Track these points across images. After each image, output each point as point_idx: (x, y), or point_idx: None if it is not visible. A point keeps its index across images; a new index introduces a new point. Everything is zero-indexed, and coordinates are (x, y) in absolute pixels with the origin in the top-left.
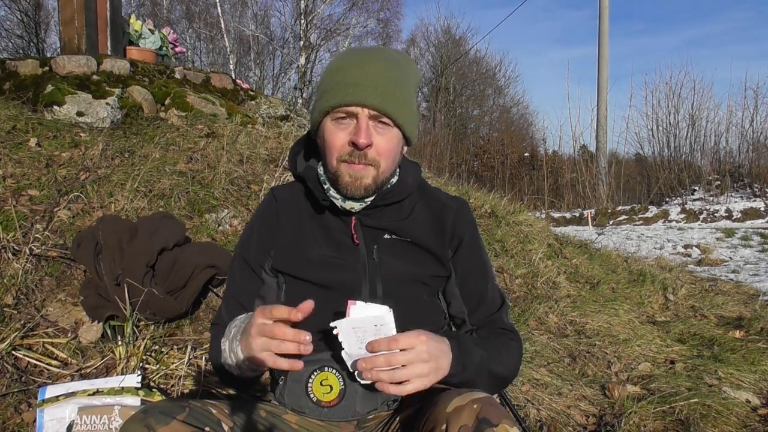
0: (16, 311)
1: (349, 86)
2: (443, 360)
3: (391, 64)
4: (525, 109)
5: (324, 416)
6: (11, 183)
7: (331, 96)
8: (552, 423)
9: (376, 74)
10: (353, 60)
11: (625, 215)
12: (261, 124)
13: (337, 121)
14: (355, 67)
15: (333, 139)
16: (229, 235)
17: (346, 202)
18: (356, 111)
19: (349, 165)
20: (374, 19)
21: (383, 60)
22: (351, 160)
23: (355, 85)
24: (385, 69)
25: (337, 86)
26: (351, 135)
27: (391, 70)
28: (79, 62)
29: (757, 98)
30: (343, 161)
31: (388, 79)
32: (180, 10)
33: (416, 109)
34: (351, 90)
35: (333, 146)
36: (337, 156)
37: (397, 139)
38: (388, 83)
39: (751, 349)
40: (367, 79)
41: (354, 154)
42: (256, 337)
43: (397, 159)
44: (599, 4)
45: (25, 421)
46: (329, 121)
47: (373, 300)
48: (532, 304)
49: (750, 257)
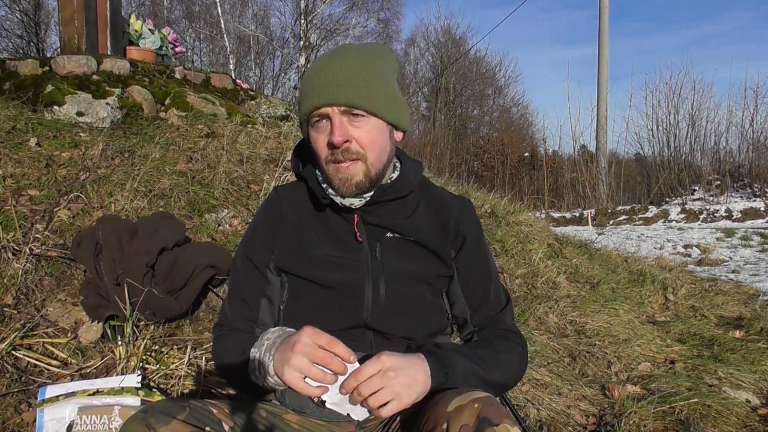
0: (16, 311)
1: (315, 91)
2: (414, 370)
3: (354, 57)
4: (525, 109)
5: (325, 416)
6: (11, 183)
7: (303, 104)
8: (552, 423)
9: (338, 72)
10: (318, 65)
11: (625, 215)
12: (261, 124)
13: (315, 125)
14: (319, 71)
15: (316, 145)
16: (229, 235)
17: (345, 199)
18: (327, 112)
19: (336, 165)
20: (374, 19)
21: (347, 56)
22: (336, 159)
23: (320, 88)
24: (350, 64)
25: (307, 94)
26: (329, 136)
27: (357, 63)
28: (79, 62)
29: (757, 98)
30: (330, 162)
31: (354, 73)
32: (180, 10)
33: (398, 94)
34: (317, 94)
35: (318, 150)
36: (324, 159)
37: (379, 129)
38: (355, 77)
39: (751, 349)
40: (330, 79)
41: (336, 153)
42: (297, 354)
43: (388, 148)
44: (599, 4)
45: (25, 421)
46: (310, 128)
47: (375, 301)
48: (532, 304)
49: (750, 257)
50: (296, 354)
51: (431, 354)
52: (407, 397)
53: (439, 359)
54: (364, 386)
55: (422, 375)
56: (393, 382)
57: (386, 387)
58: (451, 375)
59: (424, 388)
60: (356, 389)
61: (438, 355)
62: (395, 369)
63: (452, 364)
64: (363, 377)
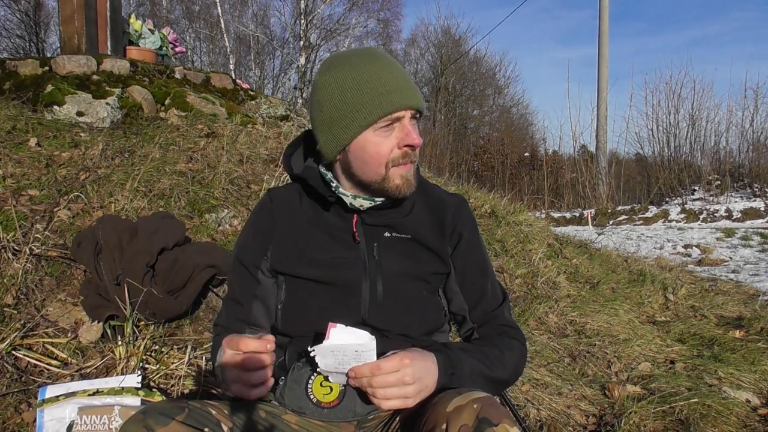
0: (16, 311)
1: (389, 94)
2: (428, 379)
3: (397, 62)
4: (525, 109)
5: (324, 417)
6: (11, 183)
7: (371, 108)
8: (552, 423)
9: (402, 75)
10: (374, 69)
11: (625, 215)
12: (261, 124)
13: (381, 130)
14: (382, 74)
15: (380, 149)
16: (229, 235)
17: (356, 200)
18: (402, 114)
19: (400, 168)
20: (374, 19)
21: (393, 61)
22: (404, 162)
23: (394, 91)
24: (401, 68)
25: (375, 98)
26: (398, 139)
27: (402, 68)
28: (79, 62)
29: (757, 98)
30: (395, 166)
31: (409, 77)
32: (180, 9)
33: None
34: (394, 97)
35: (380, 155)
36: (386, 162)
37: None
38: (411, 81)
39: (751, 349)
40: (400, 81)
41: (408, 155)
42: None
43: None
44: (599, 4)
45: (25, 421)
46: (371, 133)
47: (373, 299)
48: (532, 304)
49: (750, 257)
50: (225, 368)
51: (441, 354)
52: (413, 401)
53: (447, 360)
54: (378, 380)
55: (432, 381)
56: (406, 386)
57: (398, 387)
58: (457, 376)
59: (430, 392)
60: (369, 381)
61: (448, 355)
62: (412, 375)
63: (460, 365)
64: (380, 372)
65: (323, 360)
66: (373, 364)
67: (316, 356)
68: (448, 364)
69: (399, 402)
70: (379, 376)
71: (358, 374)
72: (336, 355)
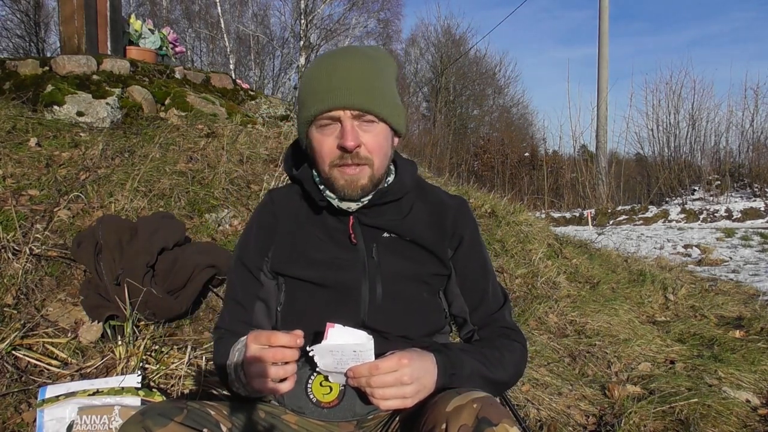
0: (16, 311)
1: (326, 92)
2: (426, 379)
3: (362, 60)
4: (525, 109)
5: (324, 417)
6: (11, 183)
7: (310, 105)
8: (552, 423)
9: (349, 74)
10: (324, 66)
11: (625, 215)
12: (261, 123)
13: (321, 128)
14: (328, 72)
15: (321, 147)
16: (229, 235)
17: (343, 203)
18: (338, 114)
19: (341, 169)
20: (374, 19)
21: (354, 59)
22: (343, 163)
23: (331, 90)
24: (358, 67)
25: (315, 95)
26: (338, 139)
27: (365, 66)
28: (79, 62)
29: (757, 98)
30: (335, 166)
31: (364, 77)
32: (180, 9)
33: (399, 100)
34: (329, 95)
35: (322, 153)
36: (329, 162)
37: (384, 134)
38: (364, 80)
39: (751, 349)
40: (342, 80)
41: (345, 157)
42: (250, 363)
43: (390, 153)
44: (599, 4)
45: (25, 421)
46: (314, 130)
47: (372, 300)
48: (532, 304)
49: (750, 257)
50: (249, 363)
51: (441, 354)
52: (411, 401)
53: (447, 361)
54: (376, 380)
55: (431, 381)
56: (404, 386)
57: (396, 387)
58: (457, 376)
59: (429, 392)
60: (367, 380)
61: (447, 355)
62: (410, 375)
63: (460, 366)
64: (378, 372)
65: (322, 360)
66: (371, 364)
67: (315, 356)
68: (447, 365)
69: (397, 402)
70: (377, 376)
71: (356, 374)
72: (334, 355)
